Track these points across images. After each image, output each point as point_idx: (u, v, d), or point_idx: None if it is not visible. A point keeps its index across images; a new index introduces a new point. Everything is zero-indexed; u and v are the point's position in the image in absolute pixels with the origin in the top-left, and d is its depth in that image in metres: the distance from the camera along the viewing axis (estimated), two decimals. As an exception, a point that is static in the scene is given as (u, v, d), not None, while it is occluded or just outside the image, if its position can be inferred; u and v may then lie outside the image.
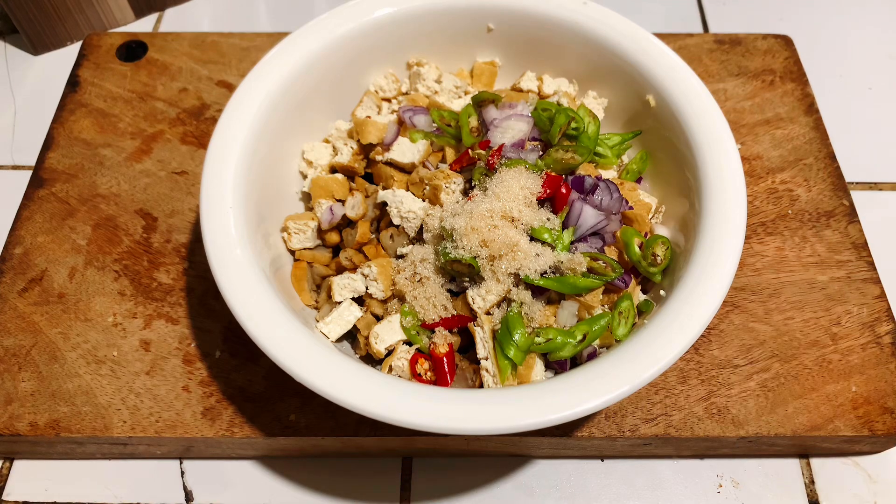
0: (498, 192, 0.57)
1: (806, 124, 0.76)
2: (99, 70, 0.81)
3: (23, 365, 0.61)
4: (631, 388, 0.47)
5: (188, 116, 0.77)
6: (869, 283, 0.66)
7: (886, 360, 0.62)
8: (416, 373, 0.56)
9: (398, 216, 0.59)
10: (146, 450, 0.60)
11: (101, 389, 0.60)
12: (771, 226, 0.69)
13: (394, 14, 0.66)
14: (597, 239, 0.60)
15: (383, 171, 0.63)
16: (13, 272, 0.66)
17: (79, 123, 0.77)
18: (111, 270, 0.67)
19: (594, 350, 0.56)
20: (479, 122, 0.64)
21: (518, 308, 0.55)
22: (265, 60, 0.62)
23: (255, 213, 0.57)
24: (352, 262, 0.61)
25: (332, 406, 0.48)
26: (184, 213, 0.70)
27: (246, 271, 0.52)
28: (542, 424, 0.46)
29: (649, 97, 0.63)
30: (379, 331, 0.57)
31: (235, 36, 0.84)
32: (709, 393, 0.60)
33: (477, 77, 0.72)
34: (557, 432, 0.58)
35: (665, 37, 0.82)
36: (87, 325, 0.63)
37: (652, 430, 0.58)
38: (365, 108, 0.68)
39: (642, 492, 0.61)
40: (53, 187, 0.72)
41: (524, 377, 0.54)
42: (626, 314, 0.56)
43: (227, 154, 0.57)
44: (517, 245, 0.55)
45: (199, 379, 0.60)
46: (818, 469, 0.62)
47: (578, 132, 0.62)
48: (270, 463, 0.62)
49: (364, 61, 0.68)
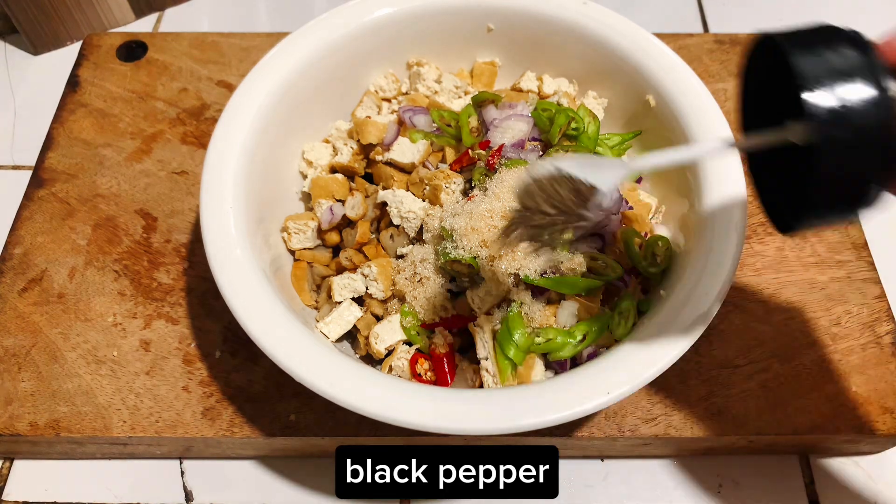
0: (498, 192, 0.57)
1: (806, 124, 0.76)
2: (99, 70, 0.81)
3: (23, 365, 0.61)
4: (631, 388, 0.47)
5: (188, 116, 0.77)
6: (869, 283, 0.66)
7: (886, 360, 0.62)
8: (416, 373, 0.56)
9: (398, 216, 0.59)
10: (146, 450, 0.60)
11: (101, 389, 0.60)
12: (771, 226, 0.69)
13: (394, 14, 0.66)
14: (597, 239, 0.60)
15: (383, 171, 0.63)
16: (13, 272, 0.66)
17: (79, 123, 0.77)
18: (111, 270, 0.67)
19: (594, 350, 0.56)
20: (479, 122, 0.64)
21: (518, 308, 0.55)
22: (265, 60, 0.62)
23: (255, 213, 0.57)
24: (352, 262, 0.61)
25: (332, 406, 0.48)
26: (184, 213, 0.70)
27: (246, 271, 0.52)
28: (542, 424, 0.46)
29: (649, 97, 0.63)
30: (379, 331, 0.57)
31: (235, 36, 0.84)
32: (709, 393, 0.60)
33: (477, 77, 0.72)
34: (557, 432, 0.58)
35: (665, 37, 0.82)
36: (87, 325, 0.63)
37: (652, 430, 0.58)
38: (365, 108, 0.68)
39: (642, 492, 0.61)
40: (53, 187, 0.72)
41: (524, 377, 0.54)
42: (626, 314, 0.56)
43: (227, 154, 0.57)
44: (517, 245, 0.55)
45: (199, 379, 0.60)
46: (818, 469, 0.62)
47: (578, 132, 0.62)
48: (270, 463, 0.62)
49: (364, 61, 0.68)
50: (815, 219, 0.36)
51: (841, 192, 0.33)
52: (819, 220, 0.36)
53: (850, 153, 0.32)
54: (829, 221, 0.36)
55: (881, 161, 0.32)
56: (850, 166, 0.32)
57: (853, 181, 0.33)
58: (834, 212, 0.34)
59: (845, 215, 0.34)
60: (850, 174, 0.33)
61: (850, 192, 0.33)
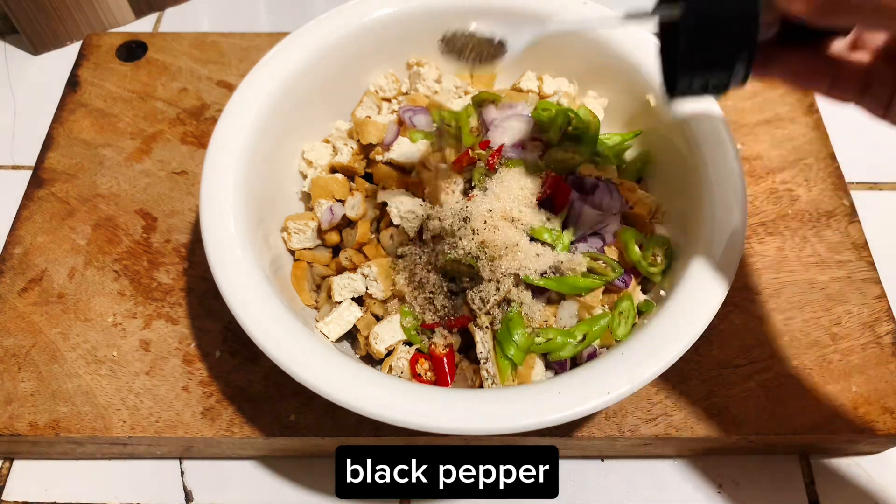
0: (498, 192, 0.57)
1: (806, 124, 0.76)
2: (99, 70, 0.81)
3: (23, 365, 0.61)
4: (631, 388, 0.47)
5: (188, 116, 0.77)
6: (869, 283, 0.66)
7: (886, 360, 0.62)
8: (416, 373, 0.56)
9: (398, 216, 0.59)
10: (146, 450, 0.60)
11: (101, 389, 0.60)
12: (771, 226, 0.69)
13: (394, 14, 0.66)
14: (597, 239, 0.60)
15: (383, 171, 0.63)
16: (13, 272, 0.66)
17: (79, 123, 0.77)
18: (111, 270, 0.67)
19: (594, 350, 0.56)
20: (479, 122, 0.64)
21: (518, 308, 0.55)
22: (265, 60, 0.62)
23: (255, 213, 0.57)
24: (352, 262, 0.61)
25: (332, 406, 0.48)
26: (184, 213, 0.70)
27: (246, 271, 0.52)
28: (542, 424, 0.46)
29: (649, 97, 0.63)
30: (379, 331, 0.57)
31: (235, 36, 0.84)
32: (709, 393, 0.60)
33: (477, 77, 0.72)
34: (557, 432, 0.57)
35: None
36: (86, 325, 0.63)
37: (652, 430, 0.58)
38: (365, 108, 0.68)
39: (642, 492, 0.61)
40: (53, 187, 0.72)
41: (524, 377, 0.54)
42: (626, 314, 0.56)
43: (227, 154, 0.57)
44: (517, 245, 0.55)
45: (199, 379, 0.60)
46: (818, 469, 0.62)
47: (578, 132, 0.62)
48: (270, 463, 0.62)
49: (364, 61, 0.68)
50: (686, 82, 0.40)
51: (704, 61, 0.39)
52: (688, 83, 0.40)
53: (710, 26, 0.37)
54: (698, 86, 0.40)
55: (739, 36, 0.37)
56: (711, 37, 0.38)
57: (715, 51, 0.38)
58: (700, 78, 0.40)
59: (713, 83, 0.40)
60: (711, 45, 0.38)
61: (713, 61, 0.39)
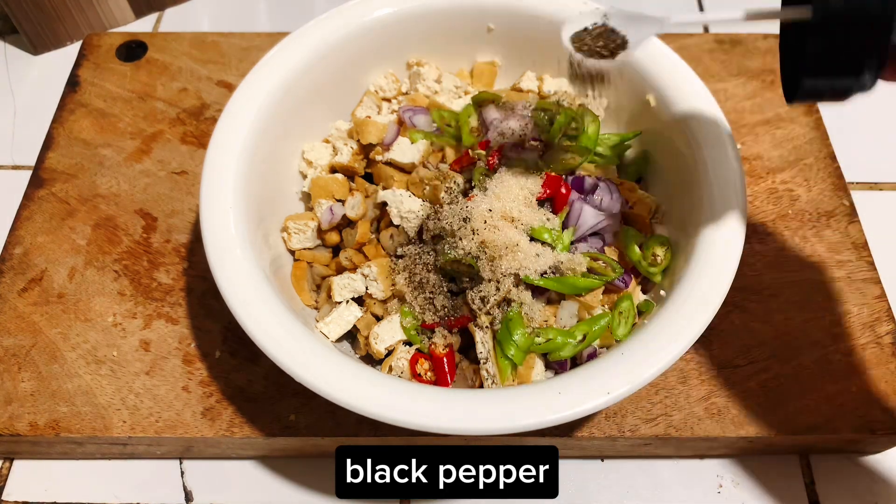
0: (498, 192, 0.57)
1: (806, 124, 0.76)
2: (99, 70, 0.81)
3: (23, 365, 0.61)
4: (631, 388, 0.47)
5: (188, 116, 0.77)
6: (869, 283, 0.66)
7: (886, 360, 0.62)
8: (416, 373, 0.56)
9: (398, 216, 0.59)
10: (146, 450, 0.60)
11: (101, 389, 0.60)
12: (771, 226, 0.69)
13: (394, 14, 0.66)
14: (597, 239, 0.60)
15: (383, 171, 0.63)
16: (13, 272, 0.66)
17: (79, 123, 0.77)
18: (111, 270, 0.67)
19: (594, 350, 0.56)
20: (479, 122, 0.64)
21: (518, 308, 0.55)
22: (265, 60, 0.62)
23: (255, 213, 0.57)
24: (352, 262, 0.61)
25: (332, 406, 0.48)
26: (184, 213, 0.70)
27: (246, 271, 0.52)
28: (542, 424, 0.46)
29: (649, 97, 0.63)
30: (379, 331, 0.57)
31: (235, 36, 0.84)
32: (709, 393, 0.60)
33: (477, 77, 0.72)
34: (557, 432, 0.58)
35: (665, 37, 0.82)
36: (86, 325, 0.63)
37: (652, 430, 0.58)
38: (365, 108, 0.68)
39: (642, 492, 0.61)
40: (53, 187, 0.72)
41: (524, 377, 0.54)
42: (626, 314, 0.56)
43: (227, 154, 0.57)
44: (517, 245, 0.55)
45: (199, 379, 0.60)
46: (818, 469, 0.62)
47: (578, 132, 0.62)
48: (270, 463, 0.62)
49: (364, 61, 0.68)
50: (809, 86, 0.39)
51: (832, 65, 0.37)
52: (812, 87, 0.39)
53: (841, 30, 0.36)
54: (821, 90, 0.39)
55: (871, 42, 0.36)
56: (842, 41, 0.36)
57: (844, 56, 0.37)
58: (826, 82, 0.38)
59: (838, 88, 0.38)
60: (841, 49, 0.36)
61: (841, 66, 0.37)
